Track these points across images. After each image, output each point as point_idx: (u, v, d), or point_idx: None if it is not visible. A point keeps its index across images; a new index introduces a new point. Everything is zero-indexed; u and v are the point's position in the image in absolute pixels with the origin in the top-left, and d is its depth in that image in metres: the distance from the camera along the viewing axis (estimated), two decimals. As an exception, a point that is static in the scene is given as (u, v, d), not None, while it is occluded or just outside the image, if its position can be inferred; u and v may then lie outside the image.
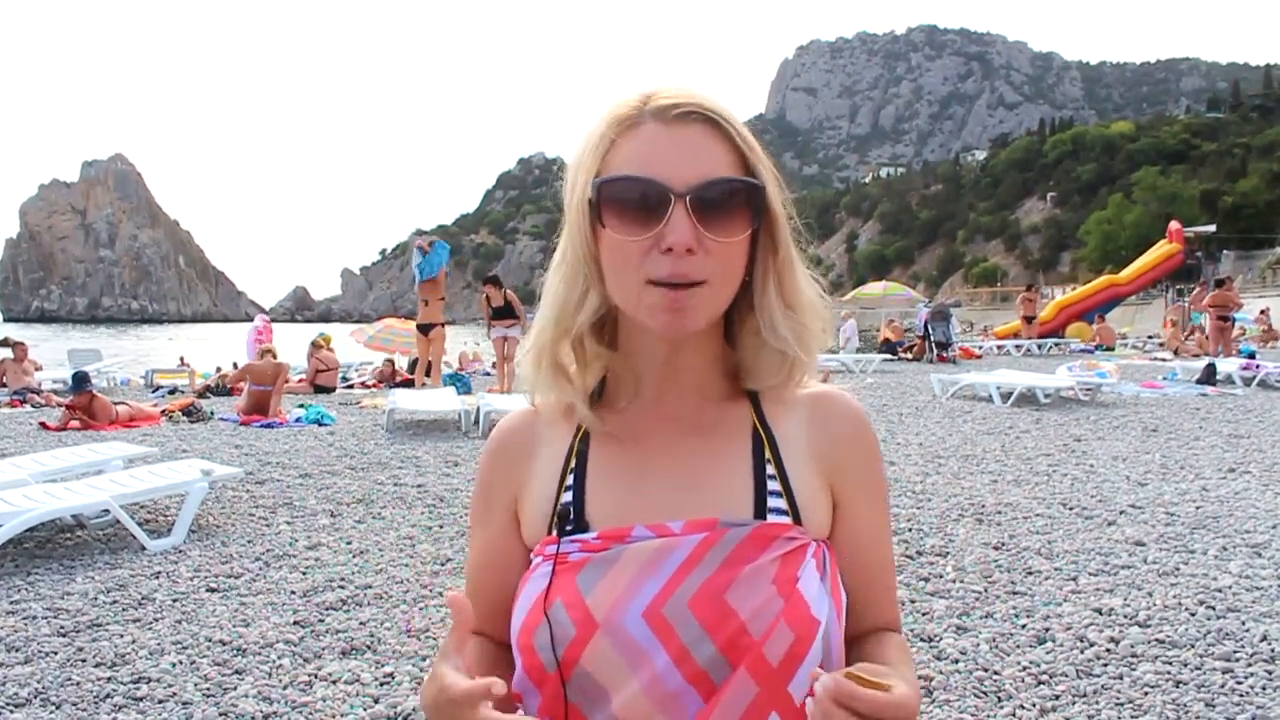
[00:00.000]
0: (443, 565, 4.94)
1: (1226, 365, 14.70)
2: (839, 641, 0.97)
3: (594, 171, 0.96)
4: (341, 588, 4.54)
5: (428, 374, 14.88)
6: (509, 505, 1.09)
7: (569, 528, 1.00)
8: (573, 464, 1.04)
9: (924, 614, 4.08)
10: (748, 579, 0.92)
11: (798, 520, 0.99)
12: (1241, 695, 3.22)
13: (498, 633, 1.06)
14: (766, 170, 0.97)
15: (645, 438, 1.04)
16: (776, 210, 0.98)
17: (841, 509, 1.04)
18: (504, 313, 13.64)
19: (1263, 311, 27.32)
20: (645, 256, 0.92)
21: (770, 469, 1.01)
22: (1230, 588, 4.36)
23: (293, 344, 20.92)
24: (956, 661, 3.55)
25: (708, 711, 0.89)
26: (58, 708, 3.23)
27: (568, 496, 1.02)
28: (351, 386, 16.93)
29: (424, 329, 14.72)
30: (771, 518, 0.98)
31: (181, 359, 23.69)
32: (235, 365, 19.01)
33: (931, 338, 20.55)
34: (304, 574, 4.79)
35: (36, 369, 16.12)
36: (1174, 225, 32.32)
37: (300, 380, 15.26)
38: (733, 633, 0.90)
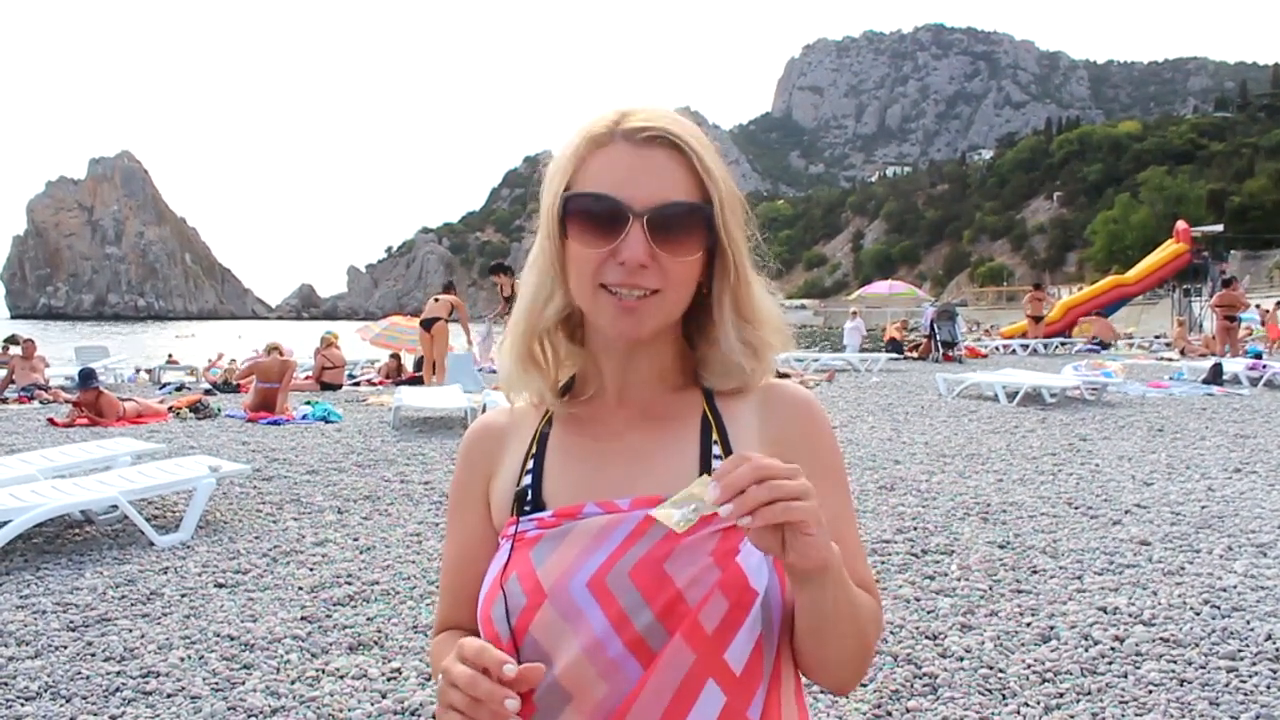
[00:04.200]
0: (449, 562, 4.95)
1: (1233, 365, 14.67)
2: (781, 613, 0.99)
3: (565, 183, 1.03)
4: (348, 583, 4.57)
5: (433, 370, 14.89)
6: (483, 497, 1.14)
7: (527, 507, 1.06)
8: (534, 449, 1.11)
9: (929, 612, 4.09)
10: (686, 550, 0.96)
11: None
12: (1246, 694, 3.23)
13: (475, 623, 1.09)
14: (726, 194, 1.03)
15: (602, 424, 1.11)
16: (731, 232, 1.04)
17: None
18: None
19: (1258, 306, 27.16)
20: (602, 265, 1.00)
21: (717, 450, 1.06)
22: (1235, 587, 4.37)
23: (300, 342, 20.97)
24: (961, 659, 3.56)
25: (645, 677, 0.93)
26: (68, 701, 3.25)
27: (528, 479, 1.08)
28: (358, 384, 16.96)
29: (426, 324, 14.73)
30: None
31: (170, 356, 23.81)
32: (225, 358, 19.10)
33: (937, 337, 20.54)
34: (311, 570, 4.81)
35: (45, 366, 16.17)
36: (1181, 225, 32.21)
37: (307, 378, 15.31)
38: (669, 600, 0.94)
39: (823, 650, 0.97)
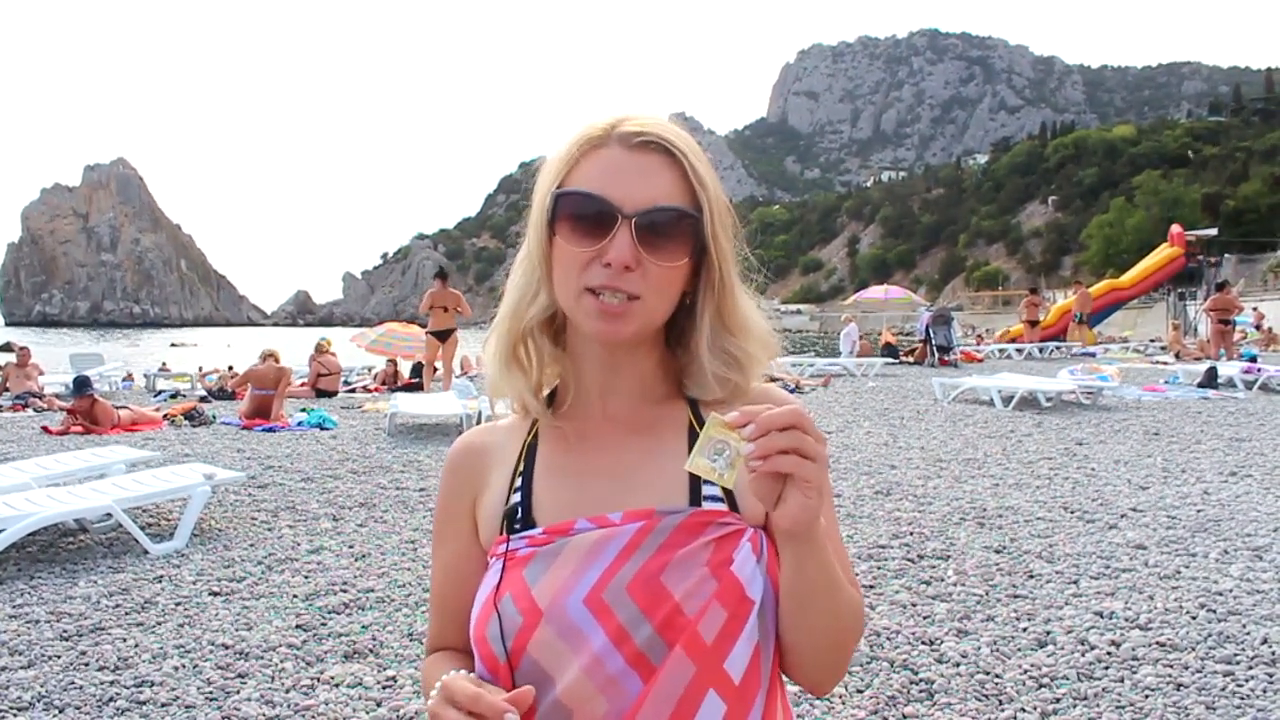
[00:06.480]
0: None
1: (1228, 369, 14.68)
2: (775, 622, 1.00)
3: (557, 183, 1.03)
4: (344, 591, 4.55)
5: (434, 374, 14.80)
6: (469, 516, 1.13)
7: (517, 525, 1.05)
8: (521, 466, 1.10)
9: (925, 617, 4.09)
10: (682, 562, 0.97)
11: (734, 508, 1.02)
12: (1242, 698, 3.23)
13: (467, 643, 1.09)
14: (716, 204, 1.04)
15: (589, 438, 1.10)
16: (720, 241, 1.05)
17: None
18: None
19: (1254, 309, 27.21)
20: (587, 266, 1.00)
21: None
22: (1231, 591, 4.37)
23: (295, 348, 20.95)
24: (958, 664, 3.56)
25: (646, 691, 0.93)
26: (61, 711, 3.24)
27: (517, 497, 1.07)
28: (353, 390, 16.95)
29: (442, 335, 14.43)
30: (707, 505, 1.02)
31: (164, 364, 23.82)
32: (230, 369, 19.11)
33: (933, 341, 20.55)
34: (306, 578, 4.80)
35: (39, 373, 16.14)
36: (1175, 229, 32.30)
37: (302, 384, 15.27)
38: (668, 613, 0.95)
39: (803, 625, 0.98)
